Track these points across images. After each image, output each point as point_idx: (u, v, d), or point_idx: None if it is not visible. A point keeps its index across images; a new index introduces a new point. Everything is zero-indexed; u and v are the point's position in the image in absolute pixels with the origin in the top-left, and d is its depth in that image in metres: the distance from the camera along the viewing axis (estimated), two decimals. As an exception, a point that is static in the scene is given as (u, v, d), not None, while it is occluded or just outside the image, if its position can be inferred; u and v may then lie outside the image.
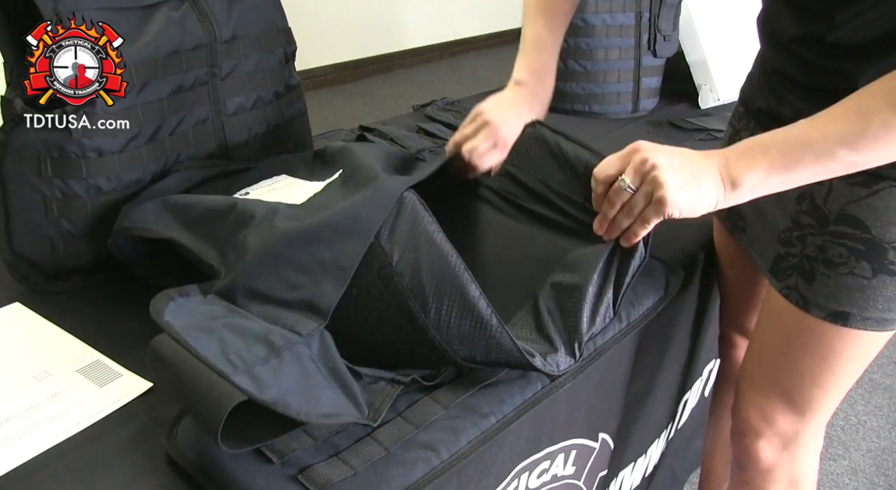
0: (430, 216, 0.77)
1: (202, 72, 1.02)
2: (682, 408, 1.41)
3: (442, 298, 0.75)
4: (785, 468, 1.09)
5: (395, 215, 0.77)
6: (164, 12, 0.97)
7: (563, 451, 0.95)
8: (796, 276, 0.94)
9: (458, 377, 0.82)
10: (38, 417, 0.75)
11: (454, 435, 0.73)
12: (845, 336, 0.93)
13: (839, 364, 0.96)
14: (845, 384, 1.00)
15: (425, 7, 5.04)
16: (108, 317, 0.93)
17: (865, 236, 0.86)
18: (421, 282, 0.75)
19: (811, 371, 0.98)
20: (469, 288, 0.75)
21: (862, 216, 0.86)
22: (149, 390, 0.80)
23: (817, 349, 0.96)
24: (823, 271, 0.91)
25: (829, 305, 0.92)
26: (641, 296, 0.99)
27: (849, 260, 0.88)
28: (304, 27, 3.70)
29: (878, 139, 0.73)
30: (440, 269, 0.75)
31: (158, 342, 0.71)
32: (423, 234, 0.76)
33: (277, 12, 1.14)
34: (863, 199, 0.85)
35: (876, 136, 0.72)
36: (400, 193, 0.78)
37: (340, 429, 0.73)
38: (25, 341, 0.88)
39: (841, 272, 0.89)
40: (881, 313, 0.90)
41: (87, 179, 0.93)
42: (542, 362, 0.81)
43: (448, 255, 0.76)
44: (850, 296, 0.90)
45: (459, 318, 0.76)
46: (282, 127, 1.17)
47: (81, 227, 0.96)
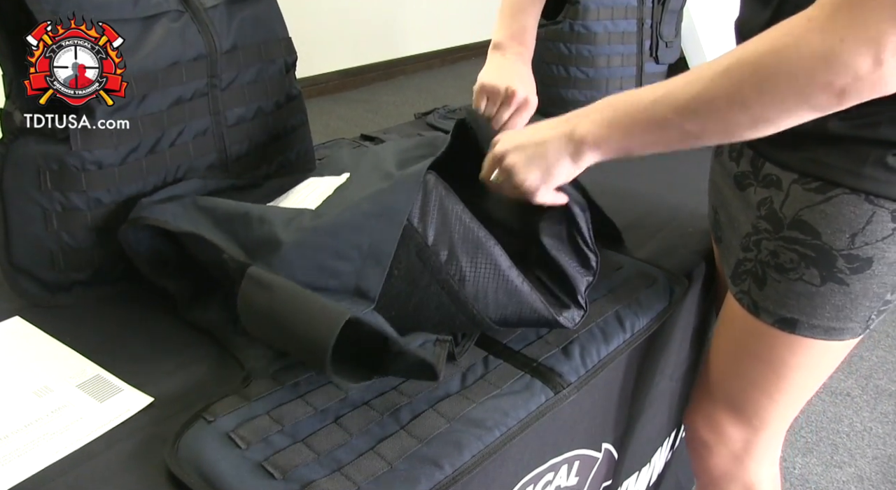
0: (453, 194, 0.82)
1: (202, 83, 1.02)
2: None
3: (477, 271, 0.81)
4: (738, 479, 1.08)
5: (422, 197, 0.81)
6: (164, 23, 0.96)
7: (566, 462, 0.94)
8: (750, 280, 0.94)
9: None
10: (38, 433, 0.75)
11: (458, 449, 0.73)
12: (794, 344, 0.92)
13: (788, 374, 0.95)
14: (797, 396, 0.99)
15: (427, 14, 5.05)
16: (108, 331, 0.92)
17: (816, 242, 0.85)
18: (457, 257, 0.81)
19: (760, 380, 0.98)
20: (500, 259, 0.82)
21: (814, 222, 0.84)
22: (150, 405, 0.80)
23: (766, 357, 0.95)
24: (774, 276, 0.90)
25: (778, 311, 0.91)
26: (645, 305, 0.99)
27: (799, 266, 0.87)
28: (306, 34, 3.71)
29: (708, 108, 0.72)
30: (473, 244, 0.81)
31: (254, 271, 0.76)
32: (452, 213, 0.81)
33: (278, 22, 1.13)
34: (816, 204, 0.84)
35: (706, 104, 0.72)
36: (422, 176, 0.82)
37: (343, 443, 0.72)
38: (25, 356, 0.87)
39: (791, 278, 0.88)
40: (829, 322, 0.88)
41: (87, 192, 0.93)
42: (564, 319, 0.88)
43: (476, 230, 0.82)
44: (798, 302, 0.89)
45: (495, 289, 0.82)
46: (283, 137, 1.17)
47: (82, 240, 0.96)
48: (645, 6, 1.69)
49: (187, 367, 0.86)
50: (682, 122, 0.74)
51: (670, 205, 1.35)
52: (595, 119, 0.81)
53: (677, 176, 1.47)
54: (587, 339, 0.91)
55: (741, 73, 0.69)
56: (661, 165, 1.57)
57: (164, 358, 0.87)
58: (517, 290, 0.83)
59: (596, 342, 0.91)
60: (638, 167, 1.53)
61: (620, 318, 0.96)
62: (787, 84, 0.66)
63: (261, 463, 0.69)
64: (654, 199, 1.38)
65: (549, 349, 0.89)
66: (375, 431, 0.74)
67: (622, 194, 1.31)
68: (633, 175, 1.42)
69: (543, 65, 1.84)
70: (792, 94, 0.66)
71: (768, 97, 0.68)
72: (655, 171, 1.51)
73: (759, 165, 0.90)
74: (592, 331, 0.93)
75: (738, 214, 0.96)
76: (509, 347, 0.89)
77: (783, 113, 0.68)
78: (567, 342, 0.90)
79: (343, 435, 0.73)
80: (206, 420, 0.74)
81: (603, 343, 0.92)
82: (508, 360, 0.87)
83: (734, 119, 0.71)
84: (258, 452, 0.70)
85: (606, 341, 0.92)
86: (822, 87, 0.64)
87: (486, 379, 0.83)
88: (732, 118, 0.71)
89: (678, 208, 1.33)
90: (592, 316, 0.95)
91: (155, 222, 0.91)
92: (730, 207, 0.99)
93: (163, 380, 0.84)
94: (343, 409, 0.77)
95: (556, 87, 1.81)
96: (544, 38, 1.82)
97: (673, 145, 0.77)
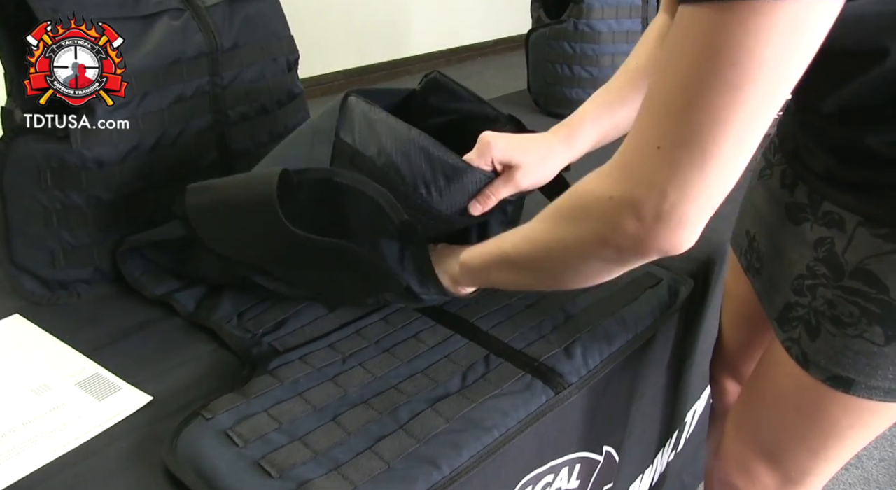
0: (377, 107, 0.85)
1: (204, 81, 1.01)
2: (690, 418, 1.39)
3: (412, 163, 0.83)
4: None
5: (345, 115, 0.86)
6: (165, 21, 0.96)
7: (566, 464, 0.94)
8: (801, 329, 0.84)
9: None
10: (36, 432, 0.75)
11: (456, 449, 0.72)
12: (845, 403, 0.82)
13: (838, 433, 0.86)
14: (845, 455, 0.90)
15: (432, 13, 5.04)
16: (108, 329, 0.92)
17: (882, 297, 0.74)
18: (394, 162, 0.83)
19: (804, 437, 0.89)
20: (432, 149, 0.83)
21: (881, 274, 0.74)
22: (148, 404, 0.80)
23: (813, 414, 0.86)
24: (830, 329, 0.80)
25: (831, 368, 0.81)
26: (649, 306, 0.98)
27: (860, 321, 0.76)
28: (311, 35, 3.72)
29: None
30: (405, 145, 0.83)
31: (190, 187, 0.83)
32: (378, 121, 0.84)
33: (279, 20, 1.13)
34: (886, 254, 0.73)
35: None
36: (342, 98, 0.87)
37: (341, 441, 0.72)
38: (25, 354, 0.87)
39: (849, 334, 0.78)
40: (890, 383, 0.78)
41: (87, 190, 0.93)
42: None
43: (407, 130, 0.83)
44: (855, 361, 0.78)
45: (444, 183, 0.84)
46: (284, 135, 1.16)
47: (82, 239, 0.96)
48: (649, 5, 1.69)
49: (186, 366, 0.86)
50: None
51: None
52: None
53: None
54: (589, 340, 0.91)
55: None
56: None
57: (164, 356, 0.87)
58: (460, 171, 0.84)
59: (598, 342, 0.91)
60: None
61: (624, 320, 0.95)
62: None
63: (258, 461, 0.69)
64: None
65: (550, 349, 0.88)
66: (374, 430, 0.74)
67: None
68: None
69: (548, 64, 1.84)
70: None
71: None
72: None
73: (819, 199, 0.82)
74: (596, 331, 0.92)
75: (789, 250, 0.87)
76: (510, 346, 0.89)
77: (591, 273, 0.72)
78: (569, 342, 0.89)
79: (341, 433, 0.73)
80: (204, 417, 0.74)
81: (605, 343, 0.91)
82: (509, 359, 0.86)
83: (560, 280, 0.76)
84: (256, 450, 0.70)
85: (609, 342, 0.91)
86: (600, 241, 0.66)
87: (487, 378, 0.83)
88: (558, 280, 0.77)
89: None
90: (596, 316, 0.95)
91: (148, 238, 0.95)
92: (777, 239, 0.90)
93: (162, 378, 0.84)
94: (341, 408, 0.77)
95: (560, 87, 1.81)
96: (548, 37, 1.81)
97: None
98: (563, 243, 0.69)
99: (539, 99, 1.91)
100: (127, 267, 0.98)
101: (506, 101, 2.00)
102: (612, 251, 0.65)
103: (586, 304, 0.97)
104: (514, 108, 1.95)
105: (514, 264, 0.78)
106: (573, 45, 1.75)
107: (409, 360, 0.85)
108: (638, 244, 0.62)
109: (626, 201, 0.60)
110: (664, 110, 0.56)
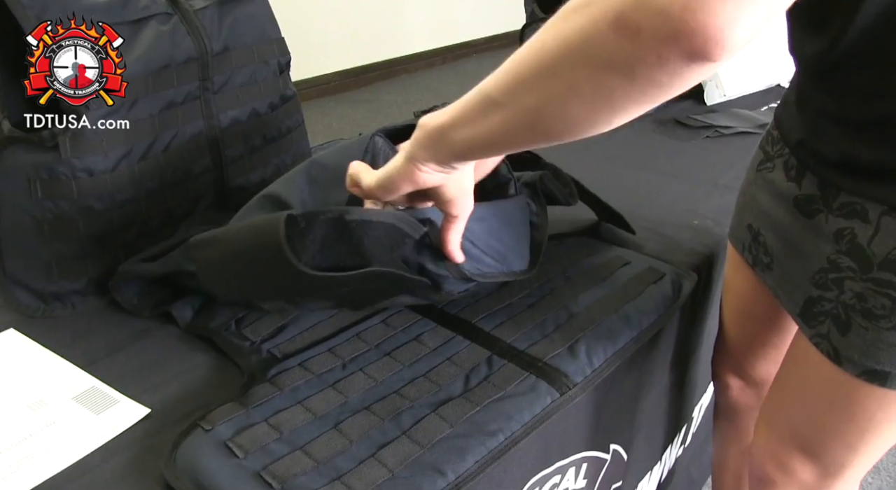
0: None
1: (194, 86, 1.00)
2: (697, 412, 1.38)
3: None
4: None
5: (369, 154, 0.84)
6: (153, 26, 0.95)
7: (573, 464, 0.92)
8: (829, 323, 0.82)
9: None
10: (32, 448, 0.73)
11: (461, 455, 0.71)
12: (882, 397, 0.80)
13: (875, 428, 0.84)
14: (883, 447, 0.88)
15: (427, 11, 5.03)
16: (104, 341, 0.91)
17: None
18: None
19: (840, 431, 0.87)
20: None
21: None
22: (146, 416, 0.78)
23: (848, 409, 0.84)
24: (861, 323, 0.77)
25: (864, 362, 0.79)
26: (652, 301, 0.97)
27: (893, 313, 0.74)
28: (307, 35, 3.71)
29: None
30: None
31: (195, 239, 0.81)
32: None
33: (270, 23, 1.12)
34: None
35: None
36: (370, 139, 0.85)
37: (342, 450, 0.70)
38: (20, 369, 0.86)
39: (882, 326, 0.76)
40: None
41: (78, 200, 0.91)
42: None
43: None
44: (890, 354, 0.76)
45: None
46: (278, 139, 1.15)
47: (75, 249, 0.94)
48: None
49: (184, 375, 0.85)
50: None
51: (663, 194, 1.33)
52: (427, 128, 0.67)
53: (665, 166, 1.46)
54: (593, 338, 0.89)
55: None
56: (645, 151, 1.56)
57: (161, 367, 0.86)
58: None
59: (602, 341, 0.89)
60: (617, 153, 1.52)
61: (627, 316, 0.94)
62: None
63: (259, 472, 0.67)
64: (644, 188, 1.36)
65: (554, 348, 0.87)
66: (376, 437, 0.72)
67: (613, 185, 1.28)
68: (614, 164, 1.40)
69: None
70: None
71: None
72: (639, 158, 1.50)
73: (833, 190, 0.80)
74: (599, 329, 0.91)
75: (804, 244, 0.85)
76: (513, 347, 0.87)
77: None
78: (573, 341, 0.88)
79: (343, 441, 0.71)
80: (203, 429, 0.72)
81: (609, 341, 0.89)
82: (513, 360, 0.85)
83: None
84: (256, 461, 0.69)
85: (613, 339, 0.90)
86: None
87: (490, 381, 0.81)
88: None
89: (674, 198, 1.31)
90: (599, 313, 0.93)
91: (140, 272, 0.93)
92: (788, 233, 0.88)
93: (159, 389, 0.82)
94: (343, 415, 0.75)
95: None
96: (543, 31, 1.80)
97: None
98: (563, 45, 0.51)
99: (535, 94, 1.89)
100: (121, 295, 0.95)
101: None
102: (628, 41, 0.46)
103: (589, 302, 0.95)
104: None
105: (491, 101, 0.59)
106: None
107: (411, 363, 0.84)
108: (666, 23, 0.44)
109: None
110: None
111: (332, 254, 0.75)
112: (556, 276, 1.00)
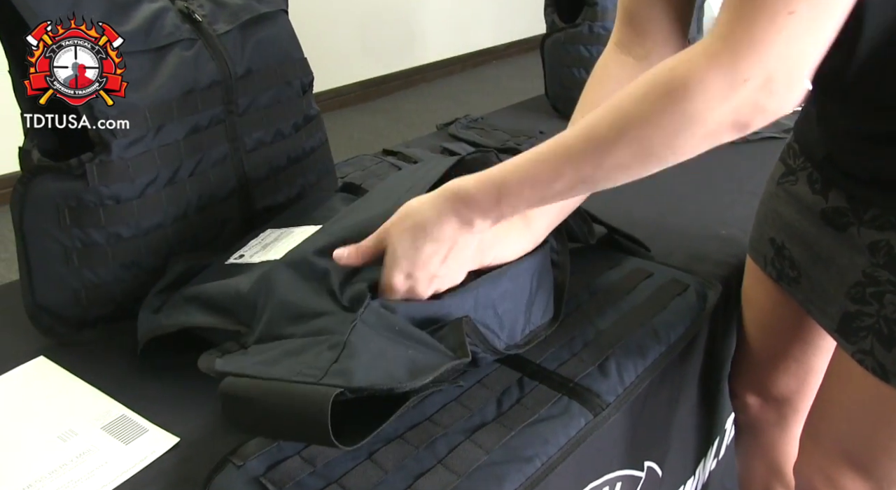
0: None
1: (218, 110, 1.00)
2: (730, 424, 1.36)
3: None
4: None
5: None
6: (177, 53, 0.95)
7: (606, 484, 0.91)
8: (872, 339, 0.80)
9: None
10: (62, 481, 0.73)
11: (498, 482, 0.70)
12: None
13: None
14: None
15: (444, 19, 5.04)
16: (133, 368, 0.91)
17: None
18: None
19: (888, 445, 0.85)
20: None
21: None
22: (176, 445, 0.78)
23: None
24: None
25: None
26: (679, 314, 0.95)
27: None
28: (325, 48, 3.71)
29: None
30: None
31: (227, 385, 0.71)
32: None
33: (292, 43, 1.12)
34: None
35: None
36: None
37: (378, 481, 0.69)
38: (50, 398, 0.86)
39: None
40: None
41: (106, 228, 0.92)
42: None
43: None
44: None
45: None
46: (303, 159, 1.15)
47: (104, 276, 0.94)
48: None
49: (213, 403, 0.84)
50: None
51: (689, 202, 1.31)
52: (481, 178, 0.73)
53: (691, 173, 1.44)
54: (623, 355, 0.88)
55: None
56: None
57: (189, 394, 0.85)
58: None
59: (632, 357, 0.88)
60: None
61: (655, 330, 0.92)
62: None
63: None
64: (670, 196, 1.34)
65: (584, 367, 0.85)
66: (412, 466, 0.71)
67: (638, 192, 1.27)
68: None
69: (563, 68, 1.82)
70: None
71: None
72: (670, 169, 1.48)
73: (863, 204, 0.79)
74: (628, 345, 0.89)
75: (836, 256, 0.84)
76: (543, 367, 0.86)
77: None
78: (603, 358, 0.87)
79: (378, 472, 0.70)
80: (234, 465, 0.71)
81: (639, 357, 0.88)
82: (544, 381, 0.84)
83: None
84: (291, 497, 0.68)
85: (643, 355, 0.88)
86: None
87: (523, 404, 0.80)
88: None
89: (701, 207, 1.30)
90: (626, 329, 0.92)
91: (162, 331, 0.89)
92: (817, 246, 0.87)
93: (188, 417, 0.82)
94: (376, 444, 0.74)
95: (577, 90, 1.77)
96: (563, 41, 1.79)
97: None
98: (652, 123, 0.64)
99: (557, 103, 1.89)
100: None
101: (525, 108, 1.98)
102: (738, 132, 0.62)
103: (616, 317, 0.94)
104: (533, 113, 1.93)
105: (567, 152, 0.69)
106: (589, 48, 1.72)
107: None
108: (761, 114, 0.60)
109: (759, 80, 0.58)
110: None
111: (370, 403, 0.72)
112: (581, 291, 0.99)
